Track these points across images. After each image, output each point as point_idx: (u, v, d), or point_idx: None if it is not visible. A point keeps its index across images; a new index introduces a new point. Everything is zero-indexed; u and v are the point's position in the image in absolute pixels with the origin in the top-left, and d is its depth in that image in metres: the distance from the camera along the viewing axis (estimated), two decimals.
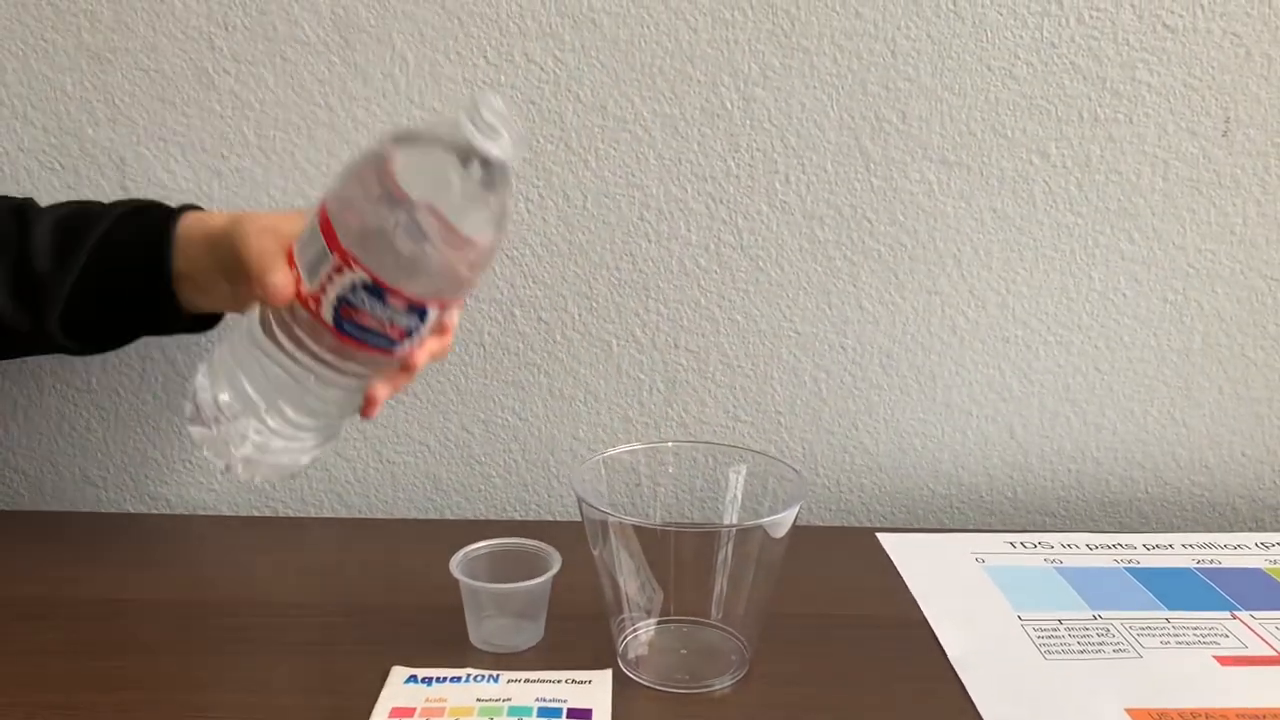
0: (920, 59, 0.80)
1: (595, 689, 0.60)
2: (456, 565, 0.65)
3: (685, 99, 0.81)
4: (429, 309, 0.58)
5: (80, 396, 0.86)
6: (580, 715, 0.58)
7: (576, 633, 0.65)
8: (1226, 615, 0.70)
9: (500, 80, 0.80)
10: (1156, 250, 0.84)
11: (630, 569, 0.60)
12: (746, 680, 0.62)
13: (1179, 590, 0.73)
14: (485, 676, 0.61)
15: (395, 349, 0.59)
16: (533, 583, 0.64)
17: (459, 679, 0.61)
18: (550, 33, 0.79)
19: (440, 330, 0.61)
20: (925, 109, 0.81)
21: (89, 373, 0.85)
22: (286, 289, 0.58)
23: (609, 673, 0.62)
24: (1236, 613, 0.70)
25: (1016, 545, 0.80)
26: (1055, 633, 0.67)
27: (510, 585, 0.64)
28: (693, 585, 0.61)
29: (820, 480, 0.89)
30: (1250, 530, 0.89)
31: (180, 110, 0.80)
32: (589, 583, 0.62)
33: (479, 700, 0.59)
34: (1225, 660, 0.65)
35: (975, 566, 0.76)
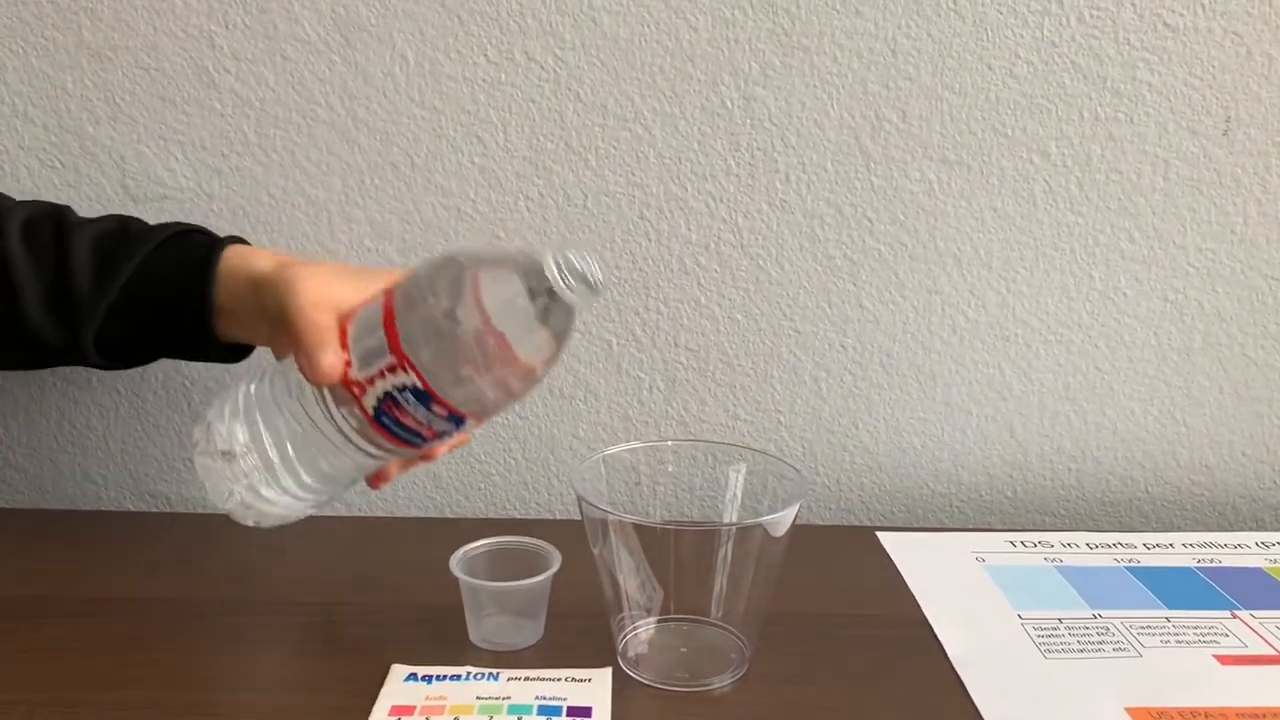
0: (921, 58, 0.80)
1: (595, 687, 0.60)
2: (456, 563, 0.65)
3: (685, 98, 0.81)
4: (468, 420, 0.59)
5: (80, 395, 0.86)
6: (580, 713, 0.58)
7: (576, 631, 0.65)
8: (1227, 614, 0.70)
9: (500, 79, 0.80)
10: (1157, 249, 0.84)
11: (630, 567, 0.60)
12: (746, 679, 0.62)
13: (1179, 589, 0.73)
14: (485, 675, 0.61)
15: (424, 445, 0.61)
16: (532, 581, 0.64)
17: (459, 677, 0.61)
18: (550, 31, 0.79)
19: None
20: (926, 108, 0.81)
21: (89, 371, 0.85)
22: (335, 373, 0.58)
23: (609, 671, 0.62)
24: (1237, 612, 0.70)
25: (1017, 544, 0.80)
26: (1055, 631, 0.67)
27: (510, 584, 0.64)
28: (693, 584, 0.61)
29: (820, 479, 0.89)
30: (1250, 530, 0.89)
31: (180, 108, 0.80)
32: (589, 581, 0.62)
33: (479, 698, 0.59)
34: (1225, 659, 0.65)
35: (975, 565, 0.76)
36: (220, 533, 0.78)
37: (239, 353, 0.70)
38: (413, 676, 0.61)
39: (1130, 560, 0.78)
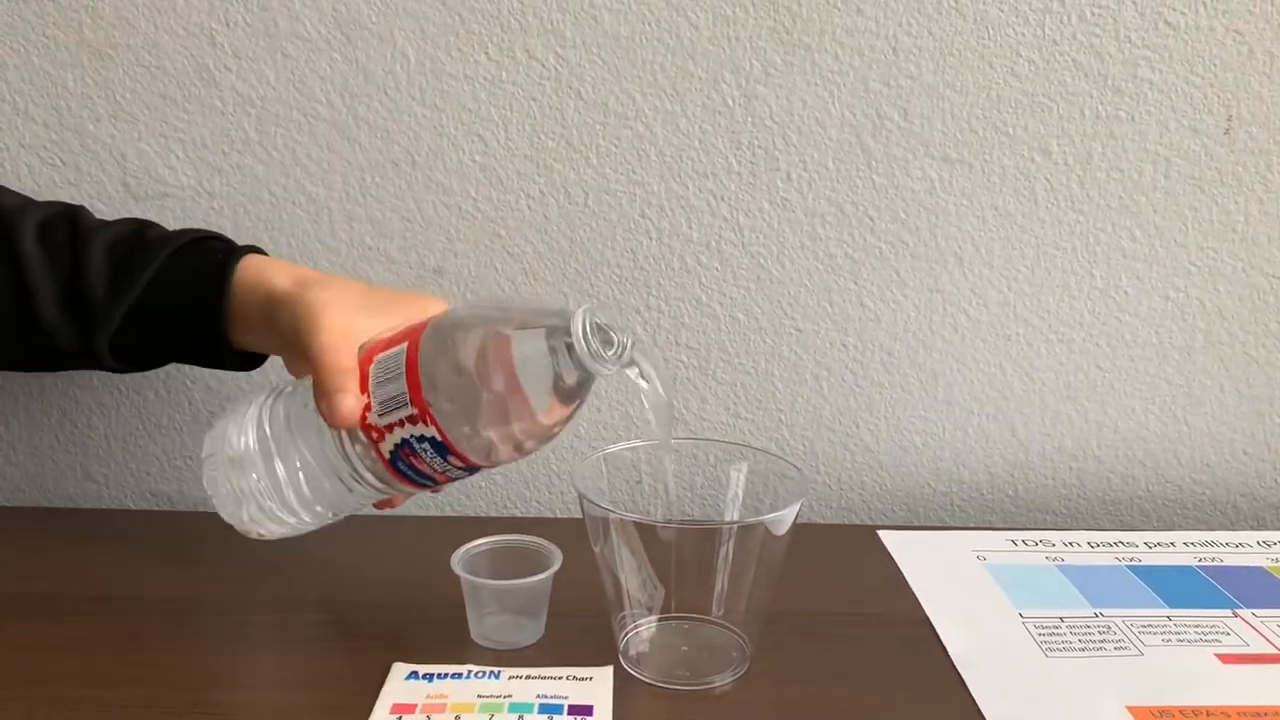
0: (922, 56, 0.80)
1: (596, 686, 0.60)
2: (457, 562, 0.65)
3: (686, 96, 0.80)
4: (480, 469, 0.60)
5: (81, 393, 0.86)
6: (581, 712, 0.58)
7: (577, 630, 0.65)
8: (1228, 613, 0.70)
9: (502, 76, 0.80)
10: (1158, 248, 0.84)
11: (631, 566, 0.60)
12: (747, 677, 0.62)
13: (1181, 588, 0.73)
14: (486, 673, 0.61)
15: (436, 488, 0.62)
16: (534, 579, 0.64)
17: (460, 675, 0.61)
18: (551, 29, 0.79)
19: None
20: (927, 106, 0.81)
21: (91, 370, 0.85)
22: (354, 419, 0.57)
23: (610, 669, 0.62)
24: (1238, 611, 0.70)
25: (1018, 543, 0.80)
26: (1056, 630, 0.67)
27: (511, 582, 0.64)
28: (694, 582, 0.60)
29: (821, 478, 0.89)
30: (1252, 529, 0.89)
31: (181, 106, 0.80)
32: (590, 579, 0.62)
33: (480, 697, 0.58)
34: (1227, 658, 0.65)
35: (976, 564, 0.76)
36: (221, 531, 0.77)
37: (254, 361, 0.70)
38: (414, 675, 0.61)
39: (1132, 559, 0.77)
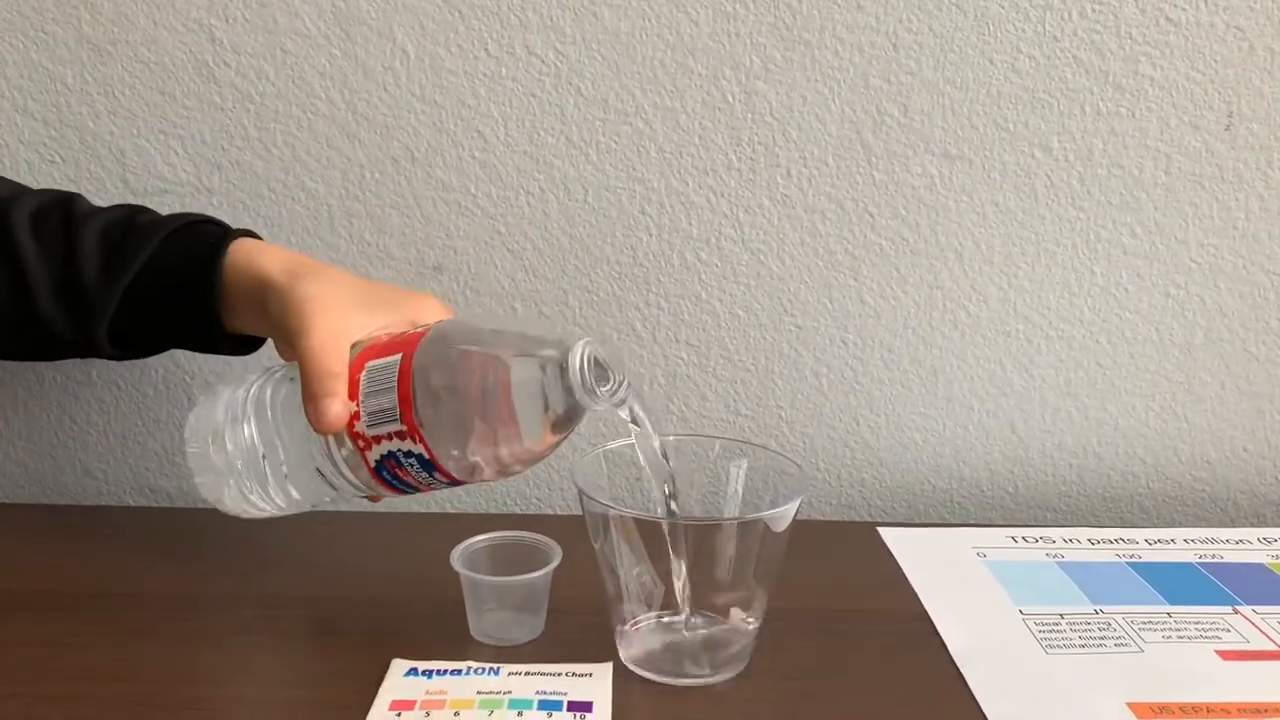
0: (922, 52, 0.80)
1: (596, 682, 0.60)
2: (457, 558, 0.65)
3: (686, 92, 0.80)
4: (464, 484, 0.60)
5: (80, 389, 0.86)
6: (581, 708, 0.57)
7: (577, 626, 0.65)
8: (1228, 610, 0.70)
9: (501, 73, 0.80)
10: (1159, 245, 0.84)
11: (631, 562, 0.60)
12: (747, 674, 0.62)
13: (1181, 585, 0.73)
14: (485, 669, 0.61)
15: (418, 495, 0.62)
16: (533, 576, 0.64)
17: (459, 672, 0.60)
18: (551, 25, 0.79)
19: None
20: (927, 103, 0.81)
21: (89, 366, 0.85)
22: (340, 425, 0.57)
23: (609, 666, 0.61)
24: (1238, 607, 0.70)
25: (1018, 540, 0.80)
26: (1057, 627, 0.67)
27: (511, 578, 0.64)
28: (694, 579, 0.60)
29: (821, 474, 0.89)
30: (1252, 525, 0.89)
31: (180, 103, 0.80)
32: (590, 576, 0.62)
33: (479, 693, 0.58)
34: (1227, 655, 0.65)
35: (976, 561, 0.76)
36: (221, 528, 0.77)
37: (250, 344, 0.70)
38: (413, 671, 0.61)
39: (1132, 556, 0.77)
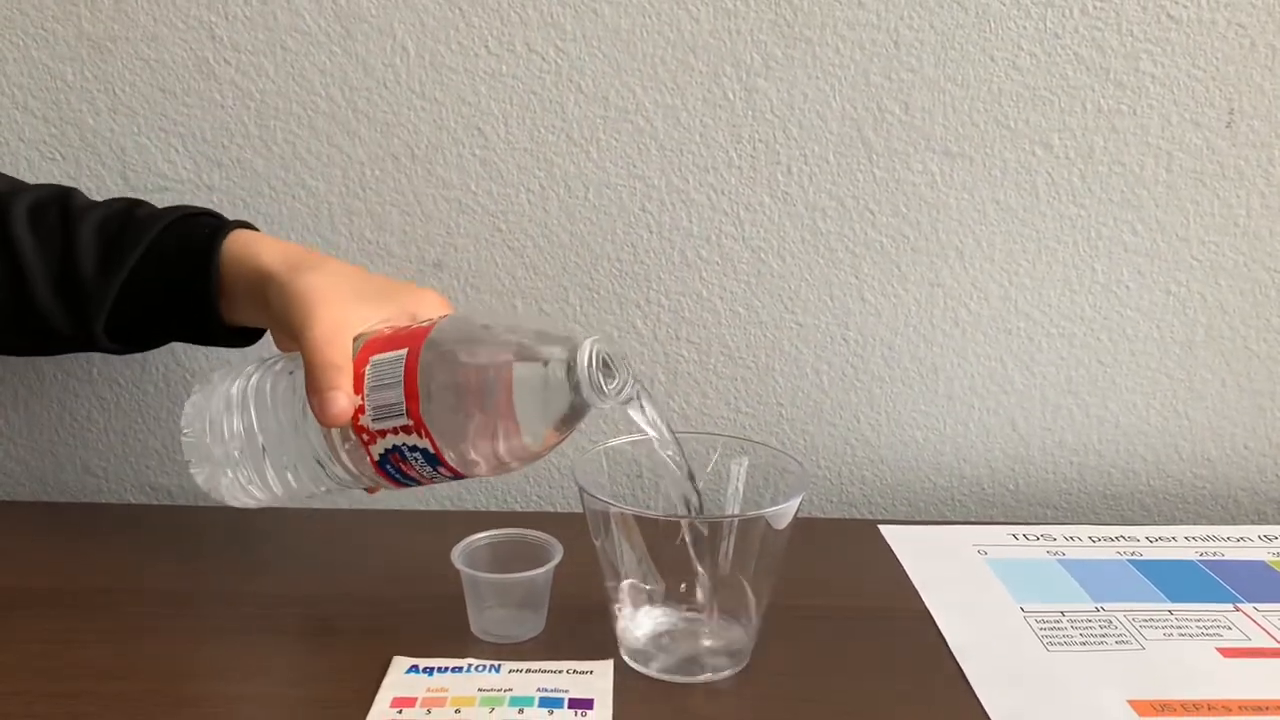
0: (923, 50, 0.80)
1: (596, 679, 0.60)
2: (458, 556, 0.65)
3: (687, 89, 0.80)
4: (467, 478, 0.60)
5: (81, 387, 0.86)
6: (581, 705, 0.57)
7: (578, 623, 0.65)
8: (1229, 607, 0.70)
9: (502, 70, 0.80)
10: (1160, 242, 0.84)
11: (631, 560, 0.60)
12: (748, 671, 0.62)
13: (1181, 582, 0.73)
14: (486, 667, 0.61)
15: (419, 487, 0.62)
16: (534, 573, 0.64)
17: (460, 669, 0.60)
18: (552, 22, 0.79)
19: None
20: (928, 100, 0.81)
21: (90, 363, 0.85)
22: (345, 418, 0.57)
23: (610, 663, 0.62)
24: (1239, 605, 0.70)
25: (1019, 537, 0.80)
26: (1058, 624, 0.67)
27: (511, 576, 0.64)
28: (695, 576, 0.60)
29: (822, 472, 0.89)
30: (1253, 523, 0.89)
31: (181, 100, 0.80)
32: (590, 573, 0.62)
33: (480, 690, 0.58)
34: (1228, 652, 0.65)
35: (977, 558, 0.76)
36: (221, 525, 0.78)
37: (249, 336, 0.70)
38: (414, 668, 0.61)
39: (1132, 553, 0.77)
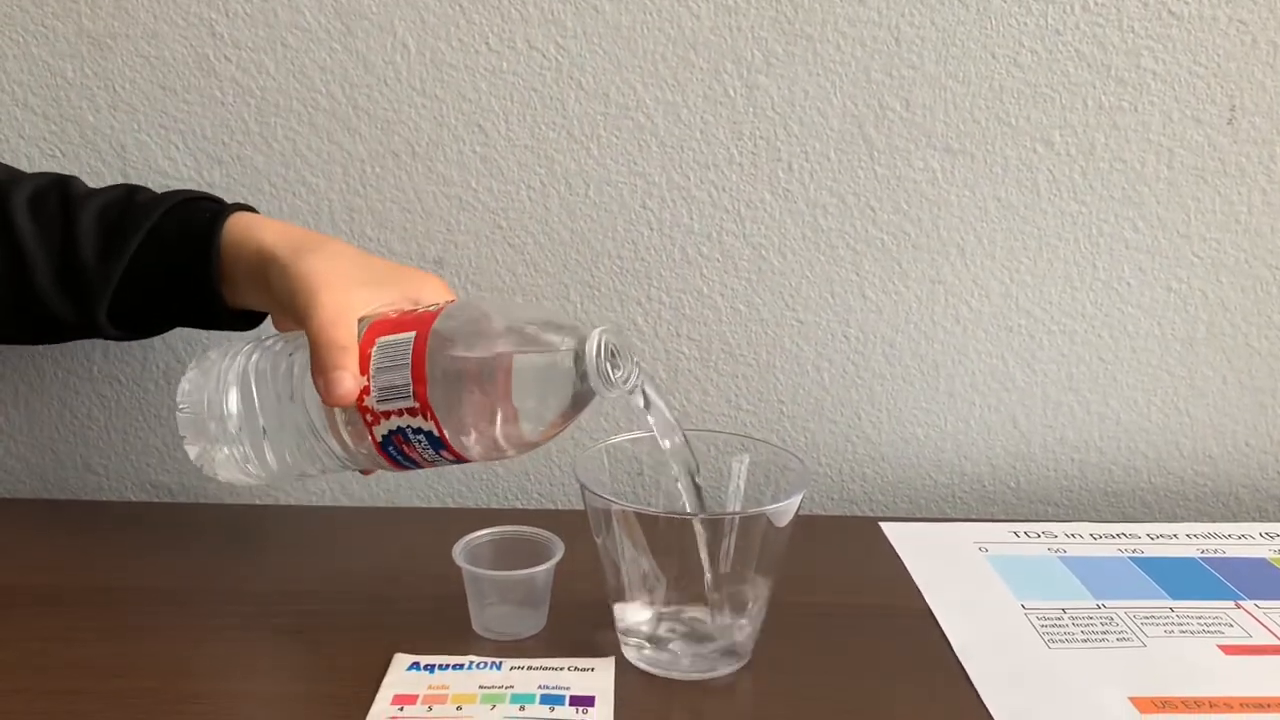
0: (924, 46, 0.80)
1: (598, 676, 0.60)
2: (459, 553, 0.65)
3: (688, 86, 0.80)
4: (466, 462, 0.60)
5: (81, 384, 0.86)
6: (583, 702, 0.57)
7: (579, 620, 0.65)
8: (1231, 605, 0.70)
9: (502, 67, 0.80)
10: (1161, 239, 0.84)
11: (633, 557, 0.60)
12: (749, 668, 0.62)
13: (1183, 580, 0.73)
14: (488, 664, 0.61)
15: (419, 471, 0.61)
16: (535, 570, 0.64)
17: (461, 666, 0.60)
18: (552, 19, 0.79)
19: None
20: (929, 97, 0.80)
21: (90, 360, 0.85)
22: (351, 399, 0.57)
23: (611, 660, 0.62)
24: (1241, 602, 0.70)
25: (1020, 534, 0.80)
26: (1059, 621, 0.67)
27: (513, 573, 0.64)
28: (696, 573, 0.60)
29: (823, 469, 0.89)
30: (1254, 520, 0.89)
31: (181, 97, 0.80)
32: (592, 571, 0.62)
33: (481, 688, 0.58)
34: (1229, 649, 0.65)
35: (978, 556, 0.76)
36: (221, 522, 0.78)
37: (252, 319, 0.70)
38: (415, 665, 0.61)
39: (1134, 550, 0.77)
